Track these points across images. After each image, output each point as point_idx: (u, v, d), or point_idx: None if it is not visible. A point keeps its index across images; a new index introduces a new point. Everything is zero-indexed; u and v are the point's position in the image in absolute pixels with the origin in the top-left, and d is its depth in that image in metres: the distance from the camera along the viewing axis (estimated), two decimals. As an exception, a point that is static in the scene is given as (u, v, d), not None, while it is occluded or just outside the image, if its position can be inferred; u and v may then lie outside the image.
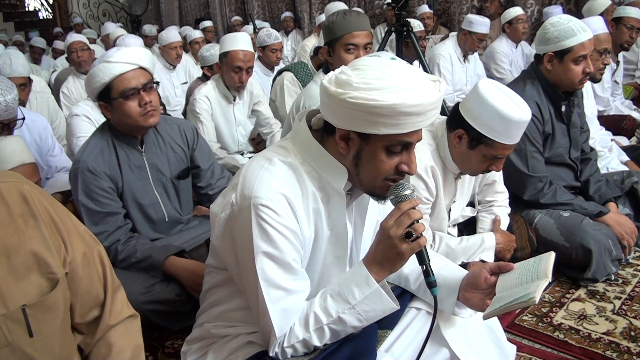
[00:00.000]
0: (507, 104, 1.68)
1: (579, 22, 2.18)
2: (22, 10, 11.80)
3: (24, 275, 0.90)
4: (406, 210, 1.13)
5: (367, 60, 1.15)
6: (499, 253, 2.06)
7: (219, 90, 3.21)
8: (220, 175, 2.30)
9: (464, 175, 2.00)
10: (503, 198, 2.22)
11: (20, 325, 0.89)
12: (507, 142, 1.72)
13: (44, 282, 0.92)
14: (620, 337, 1.86)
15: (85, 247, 1.06)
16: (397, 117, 1.07)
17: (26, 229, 0.92)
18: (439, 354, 1.34)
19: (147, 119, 1.92)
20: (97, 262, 1.09)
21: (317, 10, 7.51)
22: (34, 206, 0.95)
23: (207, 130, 3.15)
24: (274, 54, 4.47)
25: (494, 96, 1.69)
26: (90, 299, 1.07)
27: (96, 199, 1.91)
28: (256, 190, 1.14)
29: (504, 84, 1.81)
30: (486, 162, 1.80)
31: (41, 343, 0.92)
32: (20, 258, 0.90)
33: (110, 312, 1.10)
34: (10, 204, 0.91)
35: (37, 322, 0.91)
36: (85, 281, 1.04)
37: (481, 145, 1.75)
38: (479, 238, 2.03)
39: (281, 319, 1.17)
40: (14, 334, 0.88)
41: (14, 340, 0.89)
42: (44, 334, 0.92)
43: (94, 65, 1.89)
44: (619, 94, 3.91)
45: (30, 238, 0.92)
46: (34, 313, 0.90)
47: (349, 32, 2.24)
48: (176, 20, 10.01)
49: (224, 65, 3.10)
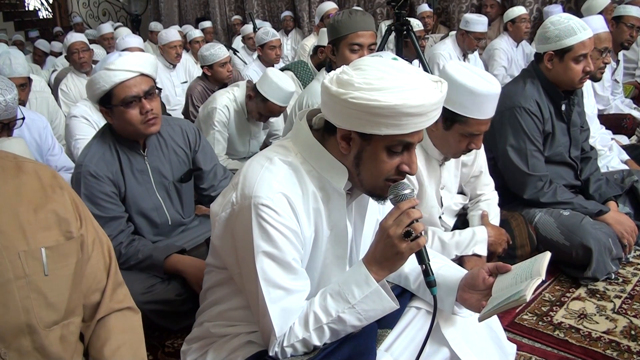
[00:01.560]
0: (475, 80, 1.72)
1: (579, 21, 2.18)
2: (22, 10, 11.80)
3: (46, 227, 1.05)
4: (405, 210, 1.13)
5: (369, 60, 1.15)
6: (491, 246, 2.05)
7: (239, 104, 3.15)
8: (223, 176, 2.28)
9: (448, 162, 2.01)
10: (489, 190, 2.23)
11: (38, 262, 1.01)
12: (481, 117, 1.75)
13: (61, 238, 1.07)
14: (621, 336, 1.86)
15: (96, 235, 1.18)
16: (399, 118, 1.07)
17: (53, 194, 1.09)
18: (439, 353, 1.34)
19: (148, 128, 1.91)
20: (105, 253, 1.19)
21: (316, 9, 7.51)
22: (62, 182, 1.13)
23: (217, 144, 3.10)
24: (272, 51, 4.48)
25: (461, 74, 1.73)
26: (94, 281, 1.15)
27: (99, 204, 1.90)
28: (256, 190, 1.14)
29: (501, 83, 1.82)
30: (464, 140, 1.81)
31: (53, 284, 1.03)
32: (45, 214, 1.06)
33: (112, 298, 1.18)
34: (42, 177, 1.09)
35: (52, 263, 1.03)
36: (92, 261, 1.15)
37: (456, 124, 1.78)
38: (470, 231, 2.04)
39: (281, 318, 1.17)
40: (31, 268, 1.00)
41: (30, 274, 1.00)
42: (57, 277, 1.04)
43: (95, 71, 1.87)
44: (619, 93, 3.91)
45: (55, 201, 1.08)
46: (50, 255, 1.03)
47: (354, 31, 2.24)
48: (175, 19, 10.01)
49: (258, 100, 3.01)
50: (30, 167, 1.09)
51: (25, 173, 1.07)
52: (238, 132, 3.23)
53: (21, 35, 9.10)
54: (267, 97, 2.94)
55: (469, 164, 2.15)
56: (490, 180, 2.24)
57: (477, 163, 2.16)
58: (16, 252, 0.99)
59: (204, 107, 3.24)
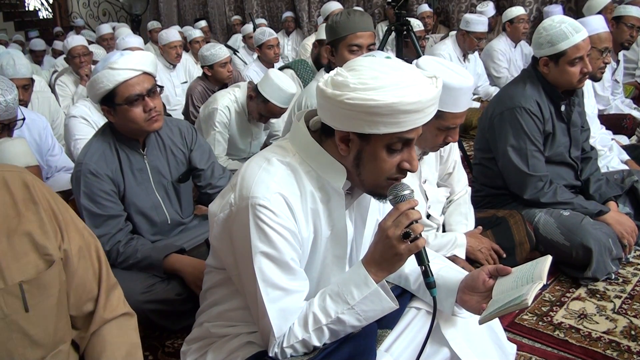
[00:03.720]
0: (447, 74, 1.71)
1: (572, 24, 2.17)
2: (22, 10, 11.80)
3: (22, 254, 0.96)
4: (404, 211, 1.13)
5: (363, 60, 1.15)
6: (470, 254, 2.07)
7: (240, 105, 3.15)
8: (220, 175, 2.28)
9: (427, 156, 2.01)
10: (462, 187, 2.23)
11: (17, 299, 0.93)
12: (455, 111, 1.75)
13: (41, 263, 0.98)
14: (621, 336, 1.86)
15: (82, 241, 1.09)
16: (396, 116, 1.07)
17: (26, 212, 0.98)
18: (439, 353, 1.34)
19: (152, 124, 1.93)
20: (93, 258, 1.12)
21: (317, 8, 7.50)
22: (34, 193, 1.01)
23: (218, 144, 3.09)
24: (271, 50, 4.49)
25: (433, 70, 1.71)
26: (84, 292, 1.09)
27: (98, 202, 1.91)
28: (254, 191, 1.14)
29: (502, 84, 1.82)
30: (441, 134, 1.81)
31: (36, 319, 0.96)
32: (19, 238, 0.96)
33: (105, 307, 1.12)
34: (13, 191, 0.98)
35: (33, 298, 0.95)
36: (80, 272, 1.08)
37: (432, 119, 1.77)
38: (452, 236, 2.06)
39: (280, 319, 1.17)
40: (10, 307, 0.93)
41: (10, 314, 0.93)
42: (39, 311, 0.97)
43: (97, 70, 1.87)
44: (619, 93, 3.91)
45: (29, 221, 0.98)
46: (30, 289, 0.95)
47: (353, 32, 2.24)
48: (175, 19, 10.02)
49: (259, 100, 3.00)
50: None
51: None
52: (239, 132, 3.22)
53: (21, 35, 9.09)
54: (268, 97, 2.94)
55: (444, 158, 2.15)
56: (463, 175, 2.24)
57: (451, 158, 2.17)
58: None
59: (205, 108, 3.24)
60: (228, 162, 3.15)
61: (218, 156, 3.01)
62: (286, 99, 2.96)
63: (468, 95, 1.78)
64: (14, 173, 1.00)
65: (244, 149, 3.32)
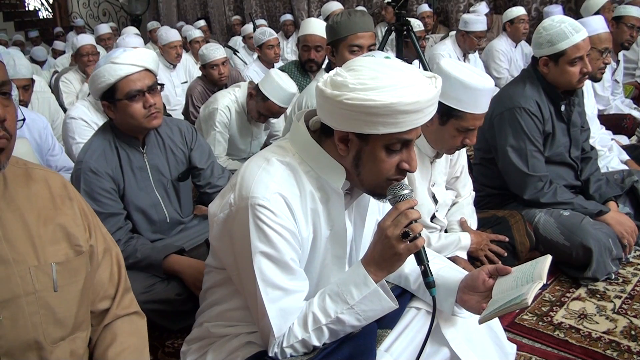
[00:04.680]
0: (470, 75, 1.75)
1: (572, 24, 2.17)
2: (22, 10, 11.82)
3: (55, 241, 1.05)
4: (403, 210, 1.13)
5: (362, 60, 1.15)
6: (472, 253, 2.08)
7: (241, 105, 3.14)
8: (220, 174, 2.29)
9: (438, 159, 2.02)
10: (468, 191, 2.25)
11: (48, 278, 1.01)
12: (476, 112, 1.77)
13: (71, 252, 1.07)
14: (621, 336, 1.86)
15: (105, 244, 1.19)
16: (395, 116, 1.07)
17: (62, 206, 1.09)
18: (439, 353, 1.34)
19: (151, 121, 1.93)
20: (114, 261, 1.21)
21: (316, 8, 7.51)
22: (71, 192, 1.14)
23: (218, 144, 3.09)
24: (271, 50, 4.49)
25: (456, 70, 1.75)
26: (102, 289, 1.17)
27: (98, 200, 1.91)
28: (253, 191, 1.14)
29: (502, 84, 1.84)
30: (459, 136, 1.83)
31: (62, 300, 1.03)
32: (54, 227, 1.06)
33: (119, 304, 1.19)
34: (52, 187, 1.10)
35: (62, 279, 1.03)
36: (101, 270, 1.16)
37: (452, 119, 1.80)
38: (456, 237, 2.06)
39: (280, 318, 1.17)
40: (41, 284, 1.00)
41: (40, 290, 1.00)
42: (66, 293, 1.04)
43: (99, 65, 1.89)
44: (619, 93, 3.91)
45: (64, 214, 1.08)
46: (61, 270, 1.03)
47: (354, 33, 2.23)
48: (175, 19, 10.02)
49: (258, 98, 3.00)
50: (40, 174, 1.09)
51: (35, 181, 1.07)
52: (239, 132, 3.22)
53: (21, 35, 9.10)
54: (268, 95, 2.94)
55: (453, 162, 2.16)
56: (469, 179, 2.26)
57: (459, 162, 2.18)
58: (27, 267, 0.99)
59: (205, 108, 3.24)
60: (228, 162, 3.15)
61: (218, 156, 3.01)
62: (286, 98, 2.96)
63: (488, 97, 1.80)
64: (54, 174, 1.14)
65: (244, 149, 3.32)
